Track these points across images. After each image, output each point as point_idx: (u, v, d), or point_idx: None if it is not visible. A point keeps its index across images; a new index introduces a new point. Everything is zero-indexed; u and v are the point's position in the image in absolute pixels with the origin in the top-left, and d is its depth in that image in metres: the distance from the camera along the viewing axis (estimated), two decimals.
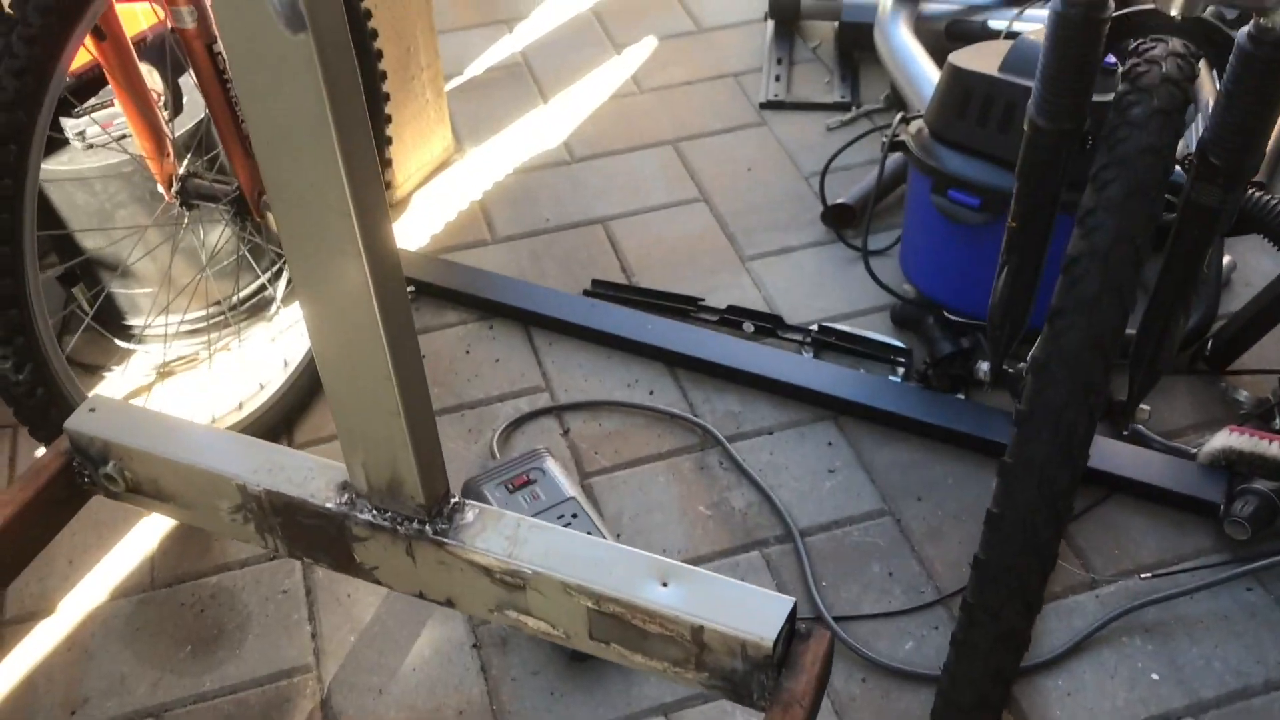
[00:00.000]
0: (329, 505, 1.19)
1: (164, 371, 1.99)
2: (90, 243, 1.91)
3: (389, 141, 1.97)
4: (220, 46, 1.50)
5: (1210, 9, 1.01)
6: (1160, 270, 1.16)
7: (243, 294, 2.03)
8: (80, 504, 1.33)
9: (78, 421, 1.27)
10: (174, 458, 1.23)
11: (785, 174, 2.40)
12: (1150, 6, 1.01)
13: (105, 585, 1.69)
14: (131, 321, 2.02)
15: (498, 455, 1.85)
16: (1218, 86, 1.04)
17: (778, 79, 2.62)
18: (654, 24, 2.85)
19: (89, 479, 1.31)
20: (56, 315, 2.06)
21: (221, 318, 2.00)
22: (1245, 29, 1.02)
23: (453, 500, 1.18)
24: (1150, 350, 1.24)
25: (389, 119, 1.93)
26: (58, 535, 1.33)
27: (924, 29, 2.49)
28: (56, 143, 1.82)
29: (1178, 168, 1.14)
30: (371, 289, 0.98)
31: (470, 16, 2.89)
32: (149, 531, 1.75)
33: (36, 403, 1.44)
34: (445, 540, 1.15)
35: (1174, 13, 0.95)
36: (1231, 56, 1.03)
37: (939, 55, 2.39)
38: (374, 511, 1.18)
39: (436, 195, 2.38)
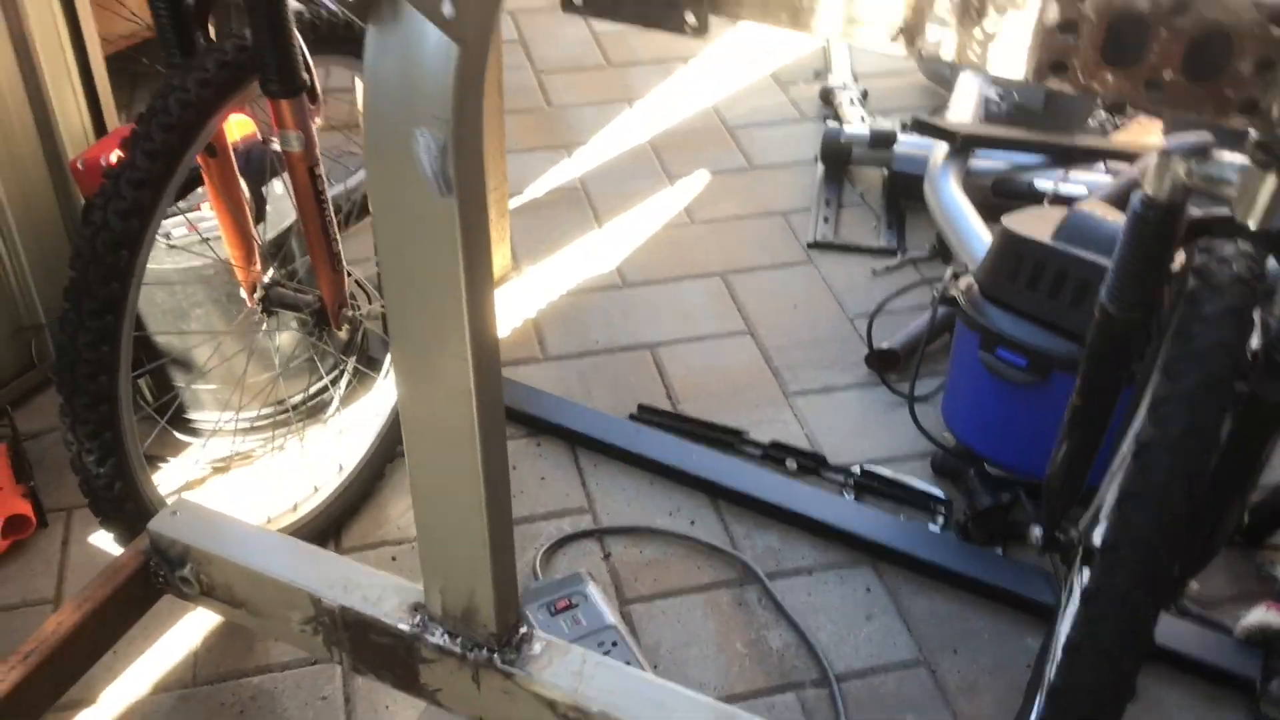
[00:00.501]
0: (401, 626, 1.22)
1: (221, 467, 2.04)
2: (163, 339, 1.97)
3: None
4: (321, 170, 1.58)
5: None
6: (1220, 457, 1.20)
7: (304, 395, 2.08)
8: (151, 603, 1.36)
9: (160, 523, 1.31)
10: (252, 566, 1.27)
11: (831, 314, 2.47)
12: (1226, 213, 1.08)
13: (148, 678, 1.70)
14: (192, 415, 2.06)
15: (540, 575, 1.88)
16: None
17: (826, 220, 2.70)
18: (707, 159, 2.95)
19: (163, 579, 1.34)
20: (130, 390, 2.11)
21: (282, 416, 2.05)
22: None
23: (522, 630, 1.21)
24: (1206, 531, 1.28)
25: None
26: None
27: (971, 184, 2.58)
28: None
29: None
30: (477, 430, 1.02)
31: (534, 139, 3.00)
32: (194, 626, 1.77)
33: (113, 497, 1.48)
34: (513, 670, 1.18)
35: (1251, 225, 1.01)
36: None
37: (985, 210, 2.48)
38: (445, 636, 1.21)
39: None
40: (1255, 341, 1.21)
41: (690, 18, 1.15)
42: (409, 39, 0.87)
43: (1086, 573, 1.32)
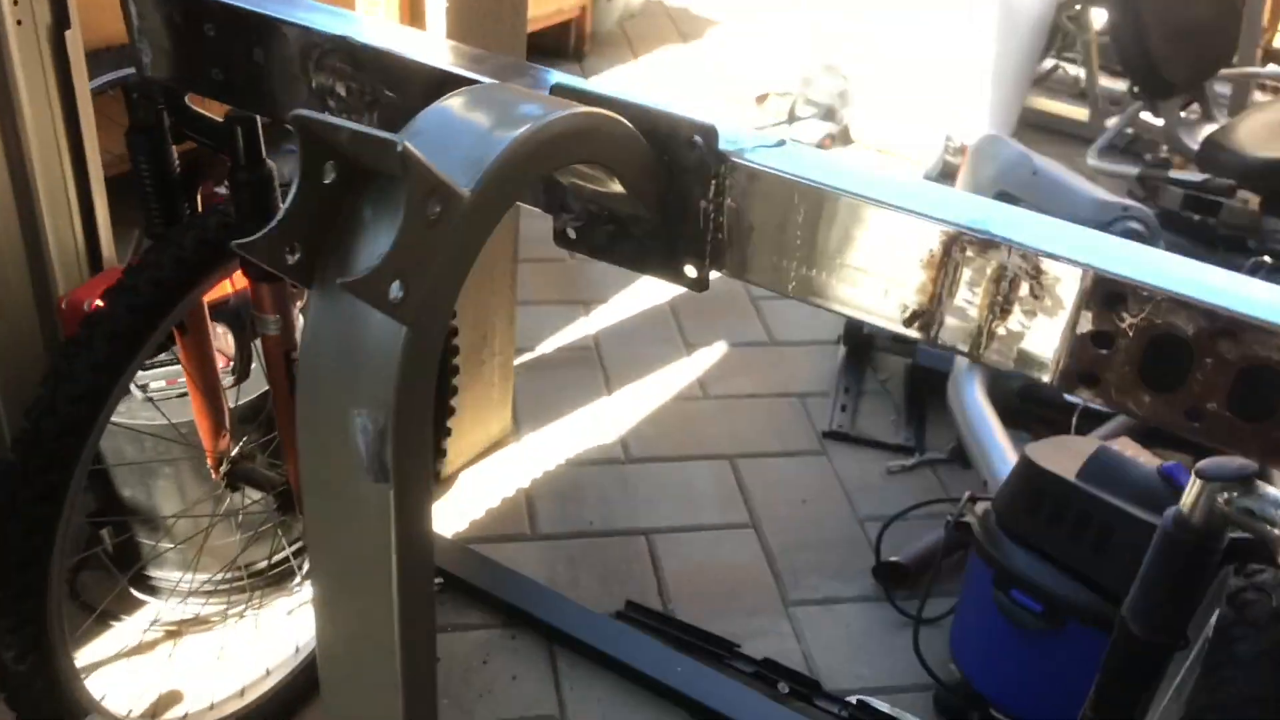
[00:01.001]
0: None
1: (174, 631, 1.91)
2: (128, 491, 1.86)
3: (451, 412, 1.95)
4: (297, 354, 1.48)
5: None
6: None
7: (267, 562, 1.97)
8: None
9: None
10: None
11: (840, 513, 2.34)
12: (1260, 539, 0.96)
13: None
14: (152, 572, 1.95)
15: None
16: None
17: (843, 409, 2.59)
18: (727, 329, 2.86)
19: None
20: (78, 553, 2.00)
21: (241, 584, 1.93)
22: None
23: None
24: None
25: (455, 390, 1.92)
26: None
27: (999, 386, 2.46)
28: None
29: None
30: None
31: (551, 293, 2.92)
32: None
33: (31, 695, 1.36)
34: None
35: None
36: None
37: (1010, 416, 2.36)
38: None
39: (485, 477, 2.33)
40: None
41: (690, 271, 1.05)
42: (352, 313, 0.78)
43: None
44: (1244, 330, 0.83)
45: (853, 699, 1.91)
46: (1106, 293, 0.86)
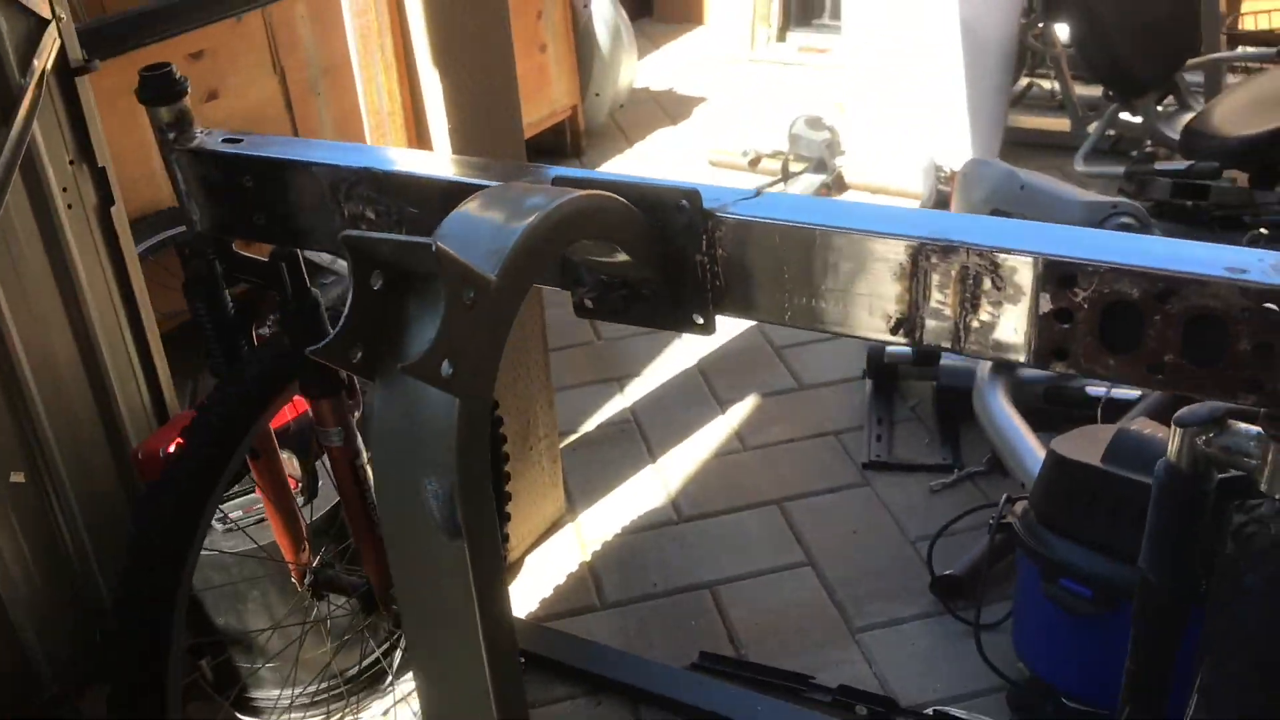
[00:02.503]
0: None
1: None
2: (220, 619, 1.99)
3: (509, 498, 2.06)
4: (363, 459, 1.62)
5: None
6: None
7: (359, 667, 2.08)
8: None
9: None
10: None
11: (890, 538, 2.43)
12: (1245, 475, 1.05)
13: None
14: (254, 694, 2.07)
15: None
16: None
17: (879, 439, 2.69)
18: (756, 381, 2.98)
19: None
20: (180, 684, 2.12)
21: (338, 692, 2.05)
22: None
23: None
24: None
25: (508, 477, 2.04)
26: None
27: (1022, 392, 2.56)
28: None
29: None
30: None
31: (584, 374, 3.06)
32: None
33: None
34: None
35: (1278, 497, 0.99)
36: None
37: (1037, 418, 2.45)
38: None
39: (547, 557, 2.45)
40: None
41: (697, 318, 1.18)
42: (412, 393, 0.91)
43: None
44: (1181, 285, 0.94)
45: (930, 711, 1.98)
46: (1058, 274, 0.98)
